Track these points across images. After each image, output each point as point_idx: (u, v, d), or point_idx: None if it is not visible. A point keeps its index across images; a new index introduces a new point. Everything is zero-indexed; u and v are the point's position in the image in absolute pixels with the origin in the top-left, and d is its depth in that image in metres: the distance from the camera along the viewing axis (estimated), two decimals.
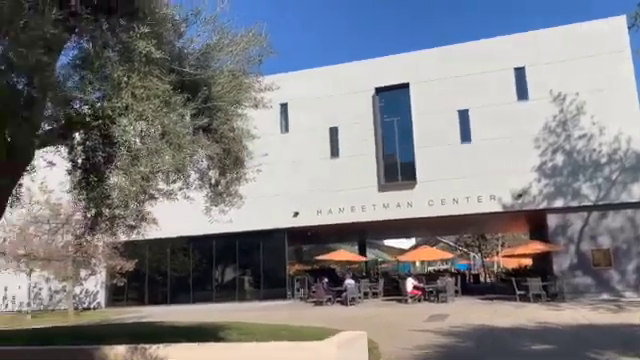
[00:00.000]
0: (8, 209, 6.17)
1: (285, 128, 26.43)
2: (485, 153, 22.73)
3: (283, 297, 25.30)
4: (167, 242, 25.95)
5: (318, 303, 22.45)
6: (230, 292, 26.84)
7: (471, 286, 31.12)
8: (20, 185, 5.59)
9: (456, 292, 23.21)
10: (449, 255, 39.05)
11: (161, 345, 7.30)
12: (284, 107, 26.17)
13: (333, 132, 25.87)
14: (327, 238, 33.28)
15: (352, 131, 25.24)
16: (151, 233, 7.87)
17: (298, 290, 26.09)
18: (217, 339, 9.35)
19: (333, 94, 25.47)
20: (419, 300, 21.96)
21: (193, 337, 9.00)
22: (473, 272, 43.63)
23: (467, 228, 38.11)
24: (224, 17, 6.71)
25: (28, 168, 5.46)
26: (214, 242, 26.96)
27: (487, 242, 49.32)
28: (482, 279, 42.06)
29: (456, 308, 18.43)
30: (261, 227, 25.01)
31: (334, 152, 25.70)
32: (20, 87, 4.77)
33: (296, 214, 25.27)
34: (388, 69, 24.76)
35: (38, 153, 5.60)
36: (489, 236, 48.14)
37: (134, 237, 7.58)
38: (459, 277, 26.13)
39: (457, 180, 22.84)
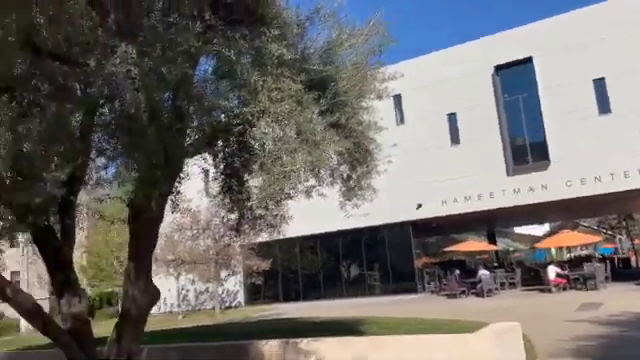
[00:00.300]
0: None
1: (400, 120, 25.99)
2: (630, 123, 20.38)
3: (413, 291, 24.91)
4: (296, 241, 26.83)
5: (451, 296, 21.78)
6: (359, 287, 27.06)
7: (621, 271, 28.19)
8: (179, 192, 6.04)
9: (606, 278, 21.13)
10: (595, 238, 35.76)
11: (311, 339, 7.49)
12: (397, 98, 25.74)
13: (451, 118, 24.96)
14: (452, 229, 32.22)
15: (472, 115, 24.12)
16: (272, 234, 8.12)
17: (428, 283, 25.56)
18: (358, 333, 9.41)
19: (448, 78, 24.49)
20: (564, 289, 20.34)
21: (335, 331, 9.15)
22: (621, 256, 39.50)
23: (611, 208, 34.68)
24: (341, 11, 6.73)
25: (182, 175, 5.89)
26: (340, 239, 27.37)
27: (636, 222, 44.45)
28: (633, 263, 37.94)
29: (609, 295, 16.76)
30: (385, 221, 24.83)
31: (454, 139, 24.77)
32: (169, 101, 5.13)
33: (419, 206, 24.77)
34: (507, 45, 23.25)
35: (189, 162, 6.01)
36: (637, 215, 43.34)
37: (275, 236, 7.88)
38: (607, 262, 23.80)
39: (598, 156, 20.76)
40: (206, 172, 7.10)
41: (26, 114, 6.16)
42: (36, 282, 29.15)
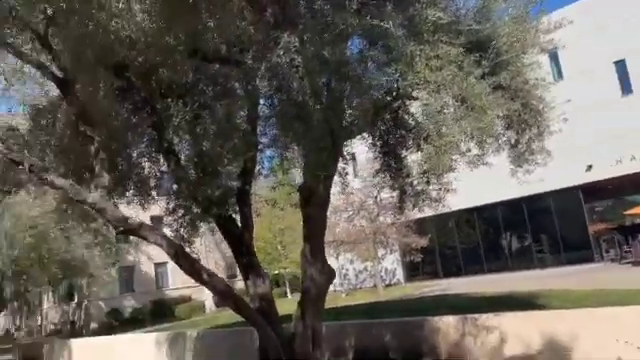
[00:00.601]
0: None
1: (558, 75, 23.61)
2: None
3: (589, 260, 22.71)
4: (451, 215, 26.03)
5: (637, 263, 19.44)
6: (525, 259, 25.45)
7: None
8: (347, 173, 6.16)
9: None
10: None
11: (491, 315, 7.19)
12: (552, 51, 23.33)
13: (619, 66, 22.02)
14: (630, 190, 28.58)
15: None
16: (436, 208, 7.87)
17: (607, 251, 23.10)
18: (538, 307, 8.81)
19: (612, 22, 21.58)
20: None
21: (511, 306, 8.67)
22: None
23: None
24: None
25: (347, 157, 5.98)
26: (499, 210, 26.00)
27: None
28: None
29: None
30: (549, 188, 22.87)
31: (625, 88, 21.87)
32: (330, 83, 5.18)
33: (589, 167, 22.39)
34: None
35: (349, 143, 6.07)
36: None
37: (440, 210, 7.67)
38: None
39: None
40: (352, 154, 7.07)
41: (199, 116, 6.76)
42: (214, 269, 32.37)
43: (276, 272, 34.66)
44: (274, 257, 32.02)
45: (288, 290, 33.01)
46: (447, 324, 7.71)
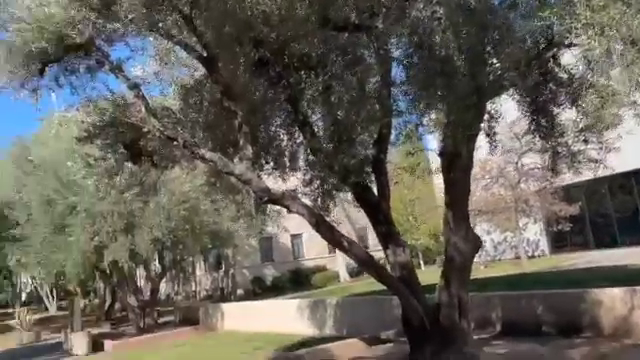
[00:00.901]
0: None
1: None
2: None
3: None
4: (603, 181, 23.54)
5: None
6: None
7: None
8: (495, 133, 5.74)
9: None
10: None
11: None
12: None
13: None
14: None
15: None
16: (586, 174, 7.09)
17: None
18: None
19: None
20: None
21: None
22: None
23: None
24: None
25: (494, 115, 5.55)
26: None
27: None
28: None
29: None
30: None
31: None
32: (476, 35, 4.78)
33: None
34: None
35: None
36: None
37: (600, 173, 6.94)
38: None
39: None
40: (490, 114, 6.53)
41: (330, 86, 6.73)
42: None
43: (409, 243, 34.42)
44: (406, 228, 31.73)
45: (421, 262, 32.64)
46: (612, 297, 6.93)
